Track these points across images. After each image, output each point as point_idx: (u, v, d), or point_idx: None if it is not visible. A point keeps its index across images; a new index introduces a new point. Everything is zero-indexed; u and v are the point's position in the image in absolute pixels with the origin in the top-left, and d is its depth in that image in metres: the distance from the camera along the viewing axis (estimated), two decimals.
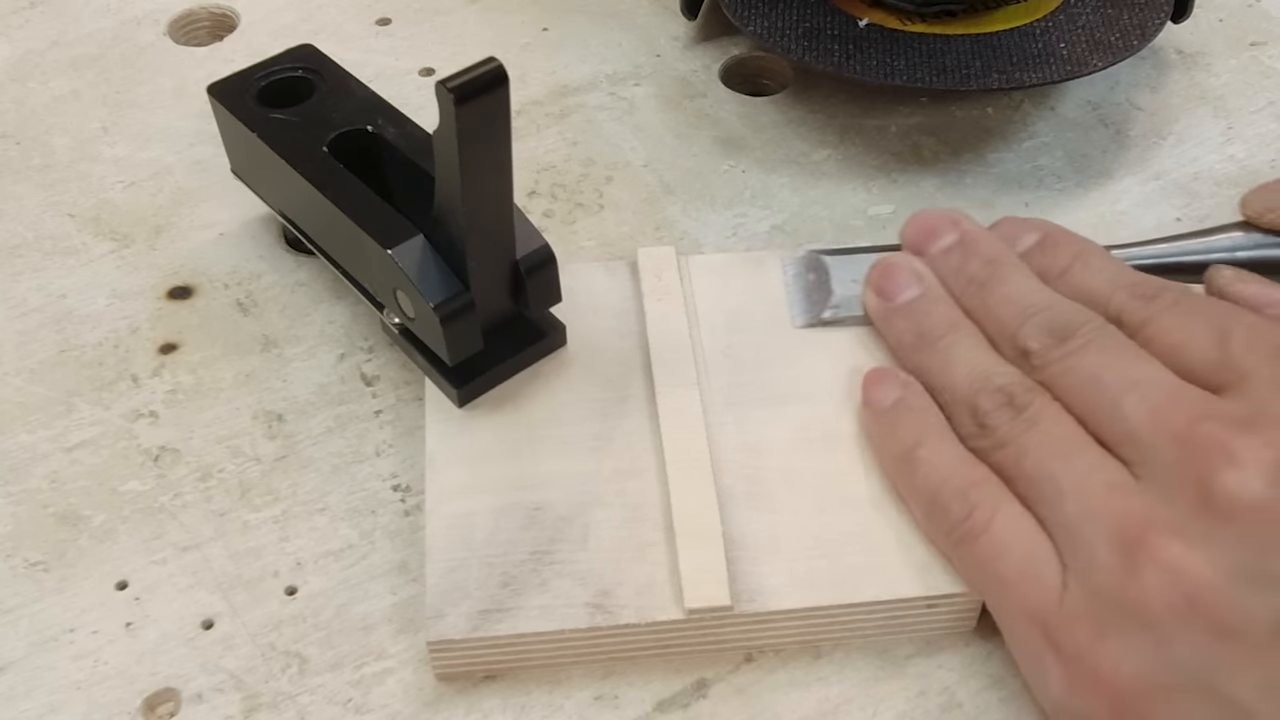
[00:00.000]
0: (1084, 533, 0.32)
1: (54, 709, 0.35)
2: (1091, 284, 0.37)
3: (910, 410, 0.36)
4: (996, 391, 0.35)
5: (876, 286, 0.40)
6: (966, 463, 0.35)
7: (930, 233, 0.40)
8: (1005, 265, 0.38)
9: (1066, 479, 0.33)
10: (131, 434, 0.41)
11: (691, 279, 0.43)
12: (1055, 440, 0.33)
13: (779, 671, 0.35)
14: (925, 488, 0.35)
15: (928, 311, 0.38)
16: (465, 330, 0.37)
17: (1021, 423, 0.34)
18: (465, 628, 0.34)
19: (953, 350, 0.37)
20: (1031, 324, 0.36)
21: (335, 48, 0.54)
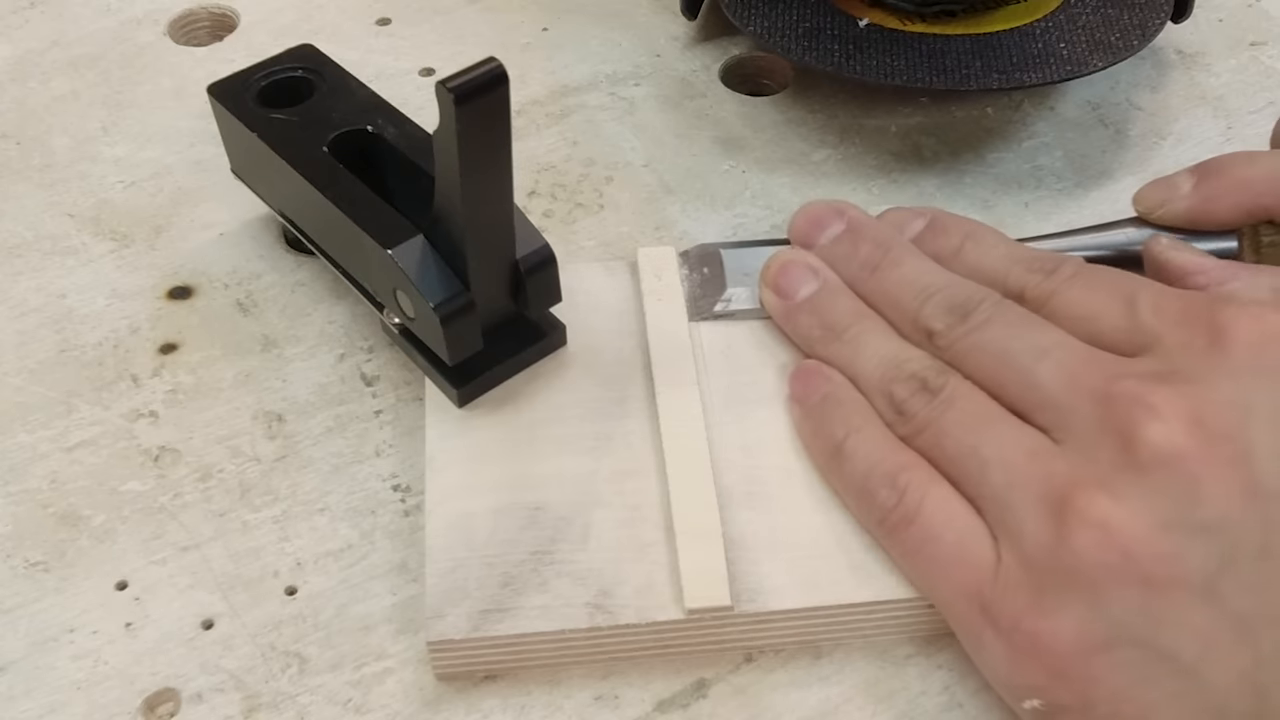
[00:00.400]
0: (1011, 502, 0.32)
1: (54, 709, 0.35)
2: (986, 262, 0.38)
3: (838, 403, 0.37)
4: (910, 378, 0.35)
5: (774, 285, 0.40)
6: (894, 449, 0.35)
7: (816, 223, 0.41)
8: (896, 248, 0.39)
9: (988, 450, 0.33)
10: (131, 434, 0.41)
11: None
12: (973, 416, 0.34)
13: (779, 671, 0.35)
14: (854, 477, 0.35)
15: (830, 305, 0.39)
16: (465, 330, 0.37)
17: (938, 405, 0.34)
18: (465, 628, 0.34)
19: (861, 340, 0.37)
20: (932, 304, 0.37)
21: (335, 48, 0.54)
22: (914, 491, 0.34)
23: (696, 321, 0.41)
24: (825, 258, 0.40)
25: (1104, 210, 0.47)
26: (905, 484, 0.34)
